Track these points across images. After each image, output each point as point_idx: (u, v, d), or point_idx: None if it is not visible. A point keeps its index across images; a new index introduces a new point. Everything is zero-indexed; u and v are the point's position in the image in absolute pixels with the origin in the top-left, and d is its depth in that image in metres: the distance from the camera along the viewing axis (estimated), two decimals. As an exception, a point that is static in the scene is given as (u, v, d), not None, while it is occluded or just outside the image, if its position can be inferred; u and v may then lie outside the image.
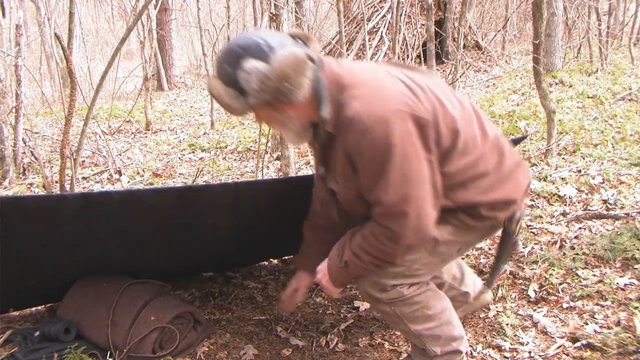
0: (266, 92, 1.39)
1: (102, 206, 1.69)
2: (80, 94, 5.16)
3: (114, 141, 6.28)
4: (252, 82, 1.38)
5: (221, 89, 1.43)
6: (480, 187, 1.50)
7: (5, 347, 1.97)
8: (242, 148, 5.58)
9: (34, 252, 1.81)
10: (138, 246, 2.01)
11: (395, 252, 1.48)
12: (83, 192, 3.48)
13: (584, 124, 5.02)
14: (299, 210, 1.82)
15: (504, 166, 1.55)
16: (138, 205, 1.75)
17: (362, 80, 1.44)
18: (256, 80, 1.38)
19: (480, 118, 1.58)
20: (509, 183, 1.55)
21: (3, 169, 4.31)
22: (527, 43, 12.11)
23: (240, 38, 1.45)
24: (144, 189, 1.77)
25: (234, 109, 1.44)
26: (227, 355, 1.99)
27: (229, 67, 1.41)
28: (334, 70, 1.46)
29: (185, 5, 15.69)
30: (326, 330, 2.15)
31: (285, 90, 1.40)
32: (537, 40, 4.01)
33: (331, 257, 1.63)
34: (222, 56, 1.45)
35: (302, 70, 1.40)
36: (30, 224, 1.64)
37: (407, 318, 1.65)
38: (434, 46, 7.67)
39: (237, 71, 1.39)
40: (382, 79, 1.45)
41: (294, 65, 1.39)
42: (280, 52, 1.39)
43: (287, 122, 1.50)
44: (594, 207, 3.20)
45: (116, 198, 1.69)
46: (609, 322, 2.06)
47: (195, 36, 14.43)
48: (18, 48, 4.23)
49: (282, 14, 3.94)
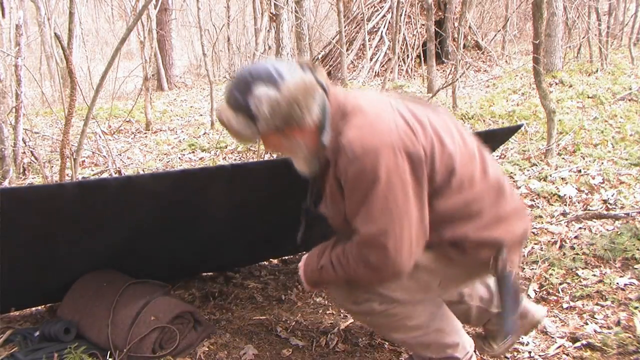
0: (277, 118, 1.41)
1: (99, 194, 1.69)
2: (80, 94, 5.16)
3: (114, 141, 6.28)
4: (262, 108, 1.40)
5: (231, 115, 1.45)
6: (470, 226, 1.48)
7: (5, 347, 1.98)
8: (242, 148, 5.58)
9: (33, 248, 1.81)
10: (138, 240, 2.01)
11: (369, 279, 1.48)
12: (80, 180, 3.44)
13: (584, 124, 5.02)
14: (298, 195, 1.80)
15: (500, 209, 1.52)
16: (136, 192, 1.76)
17: (363, 110, 1.45)
18: (267, 105, 1.40)
19: (483, 157, 1.56)
20: (500, 227, 1.51)
21: (3, 169, 4.31)
22: (527, 43, 12.11)
23: (250, 67, 1.48)
24: (141, 175, 1.77)
25: (243, 135, 1.46)
26: (227, 355, 1.99)
27: (239, 94, 1.43)
28: (338, 98, 1.49)
29: (185, 5, 15.70)
30: (326, 330, 2.15)
31: (295, 116, 1.42)
32: (537, 40, 4.02)
33: (310, 256, 1.62)
34: (233, 84, 1.47)
35: (311, 95, 1.43)
36: (29, 217, 1.64)
37: (387, 328, 1.63)
38: (434, 46, 7.70)
39: (248, 97, 1.41)
40: (382, 111, 1.46)
41: (304, 90, 1.41)
42: (290, 78, 1.42)
43: (296, 149, 1.52)
44: (594, 207, 3.20)
45: (113, 184, 1.69)
46: (609, 322, 2.06)
47: (195, 36, 14.43)
48: (18, 48, 4.23)
49: (282, 14, 3.94)
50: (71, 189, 1.65)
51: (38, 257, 1.88)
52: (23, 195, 1.60)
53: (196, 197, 1.87)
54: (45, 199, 1.62)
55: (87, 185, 1.72)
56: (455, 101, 6.41)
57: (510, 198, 1.57)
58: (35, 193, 1.63)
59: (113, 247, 2.01)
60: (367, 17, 10.61)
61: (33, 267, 1.92)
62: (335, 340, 2.06)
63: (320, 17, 15.24)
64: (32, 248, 1.81)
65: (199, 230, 2.10)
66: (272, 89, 1.40)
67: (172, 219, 1.94)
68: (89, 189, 1.68)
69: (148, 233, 1.99)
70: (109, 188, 1.70)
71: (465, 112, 6.04)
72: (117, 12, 15.46)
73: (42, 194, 1.63)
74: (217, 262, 2.64)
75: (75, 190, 1.65)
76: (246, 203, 2.02)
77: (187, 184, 1.82)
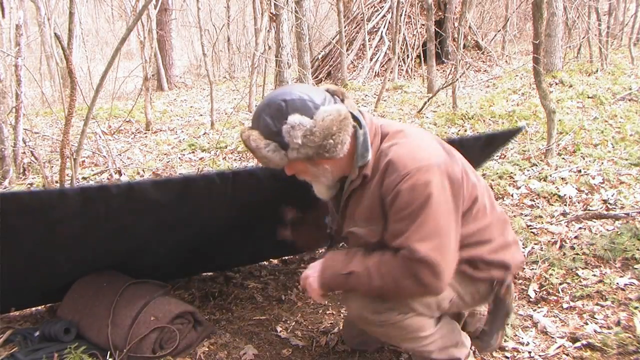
0: (309, 147, 1.43)
1: (100, 199, 1.69)
2: (80, 94, 5.15)
3: (114, 141, 6.28)
4: (296, 137, 1.41)
5: (260, 141, 1.45)
6: (484, 249, 1.59)
7: (5, 347, 1.98)
8: (242, 148, 5.58)
9: (34, 249, 1.81)
10: (137, 242, 2.01)
11: (413, 293, 1.50)
12: (82, 185, 3.46)
13: (584, 124, 5.02)
14: (300, 196, 1.79)
15: (506, 238, 1.65)
16: (136, 198, 1.75)
17: (406, 133, 1.51)
18: (301, 135, 1.41)
19: (490, 192, 1.68)
20: (508, 252, 1.64)
21: (3, 169, 4.31)
22: (527, 43, 12.11)
23: (282, 92, 1.47)
24: (142, 181, 1.77)
25: (272, 161, 1.46)
26: (227, 355, 2.00)
27: (271, 120, 1.43)
28: (374, 122, 1.54)
29: (185, 5, 15.70)
30: (326, 330, 2.15)
31: (328, 147, 1.43)
32: (537, 40, 4.02)
33: (332, 259, 1.59)
34: (264, 108, 1.46)
35: (345, 127, 1.44)
36: (30, 220, 1.64)
37: (399, 338, 1.64)
38: (434, 46, 7.70)
39: (281, 125, 1.41)
40: (424, 135, 1.54)
41: (338, 122, 1.43)
42: (325, 108, 1.43)
43: (321, 175, 1.54)
44: (594, 207, 3.20)
45: (115, 192, 1.69)
46: (609, 322, 2.06)
47: (195, 36, 14.44)
48: (18, 48, 4.23)
49: (282, 14, 3.94)
50: (72, 196, 1.64)
51: (38, 258, 1.87)
52: (23, 199, 1.60)
53: (196, 201, 1.86)
54: (46, 203, 1.62)
55: (88, 190, 1.71)
56: (455, 101, 6.41)
57: (511, 230, 1.71)
58: (36, 197, 1.63)
59: (113, 248, 2.00)
60: (367, 17, 10.61)
61: (33, 267, 1.92)
62: (335, 340, 2.06)
63: (320, 17, 15.24)
64: (33, 249, 1.81)
65: (199, 234, 2.10)
66: (307, 119, 1.41)
67: (172, 221, 1.94)
68: (90, 194, 1.67)
69: (148, 237, 1.99)
70: (109, 194, 1.69)
71: (465, 112, 6.04)
72: (117, 12, 15.45)
73: (42, 199, 1.63)
74: (217, 262, 2.64)
75: (77, 197, 1.64)
76: (247, 205, 2.02)
77: (188, 191, 1.81)
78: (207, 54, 8.12)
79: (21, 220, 1.62)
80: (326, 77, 10.66)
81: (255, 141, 1.45)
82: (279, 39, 4.10)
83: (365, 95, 8.64)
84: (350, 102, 1.55)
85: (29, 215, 1.62)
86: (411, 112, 6.79)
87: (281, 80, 4.29)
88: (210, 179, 1.80)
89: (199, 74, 14.19)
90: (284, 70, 4.19)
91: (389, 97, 8.06)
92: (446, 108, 6.67)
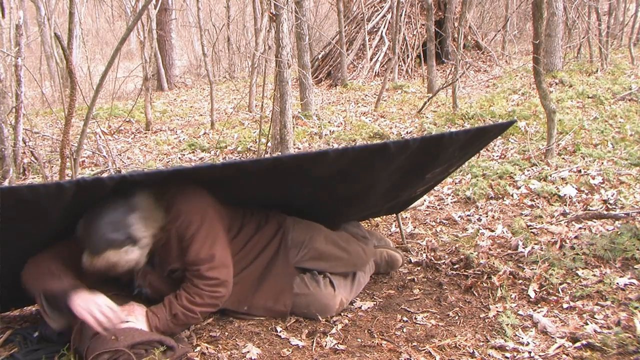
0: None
1: (96, 194, 1.69)
2: (80, 94, 5.16)
3: (114, 141, 6.28)
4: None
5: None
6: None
7: (5, 347, 1.98)
8: (242, 148, 5.58)
9: (33, 249, 1.81)
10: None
11: (227, 294, 1.99)
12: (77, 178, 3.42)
13: (584, 124, 5.02)
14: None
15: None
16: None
17: None
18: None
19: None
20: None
21: (3, 169, 4.30)
22: (527, 43, 12.11)
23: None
24: (136, 173, 1.76)
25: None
26: (227, 356, 1.99)
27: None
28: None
29: (185, 5, 15.71)
30: (326, 330, 2.15)
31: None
32: (537, 40, 4.02)
33: (155, 312, 1.92)
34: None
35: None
36: (29, 217, 1.64)
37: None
38: (434, 46, 7.70)
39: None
40: None
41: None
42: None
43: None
44: (594, 207, 3.20)
45: (109, 184, 1.69)
46: (609, 322, 2.06)
47: (195, 36, 14.45)
48: (18, 48, 4.23)
49: (282, 14, 3.94)
50: (68, 189, 1.63)
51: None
52: (22, 195, 1.59)
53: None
54: (44, 198, 1.61)
55: (83, 184, 1.69)
56: (455, 101, 6.41)
57: None
58: (35, 193, 1.63)
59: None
60: (367, 17, 10.62)
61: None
62: (335, 340, 2.06)
63: (320, 17, 15.25)
64: (32, 249, 1.81)
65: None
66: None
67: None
68: (86, 188, 1.67)
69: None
70: (104, 188, 1.69)
71: (465, 112, 6.04)
72: (117, 12, 15.46)
73: (41, 194, 1.62)
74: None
75: (72, 190, 1.63)
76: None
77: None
78: (207, 54, 8.12)
79: (20, 216, 1.61)
80: (326, 77, 10.66)
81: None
82: (279, 39, 4.09)
83: (365, 95, 8.64)
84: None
85: (27, 211, 1.61)
86: (411, 112, 6.80)
87: (281, 80, 4.28)
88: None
89: (199, 74, 14.19)
90: (284, 70, 4.19)
91: (389, 97, 8.07)
92: (446, 108, 6.67)
